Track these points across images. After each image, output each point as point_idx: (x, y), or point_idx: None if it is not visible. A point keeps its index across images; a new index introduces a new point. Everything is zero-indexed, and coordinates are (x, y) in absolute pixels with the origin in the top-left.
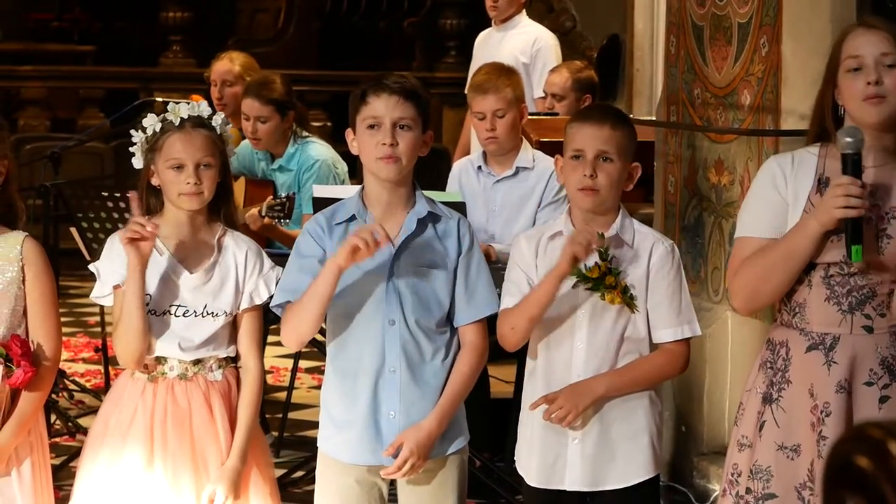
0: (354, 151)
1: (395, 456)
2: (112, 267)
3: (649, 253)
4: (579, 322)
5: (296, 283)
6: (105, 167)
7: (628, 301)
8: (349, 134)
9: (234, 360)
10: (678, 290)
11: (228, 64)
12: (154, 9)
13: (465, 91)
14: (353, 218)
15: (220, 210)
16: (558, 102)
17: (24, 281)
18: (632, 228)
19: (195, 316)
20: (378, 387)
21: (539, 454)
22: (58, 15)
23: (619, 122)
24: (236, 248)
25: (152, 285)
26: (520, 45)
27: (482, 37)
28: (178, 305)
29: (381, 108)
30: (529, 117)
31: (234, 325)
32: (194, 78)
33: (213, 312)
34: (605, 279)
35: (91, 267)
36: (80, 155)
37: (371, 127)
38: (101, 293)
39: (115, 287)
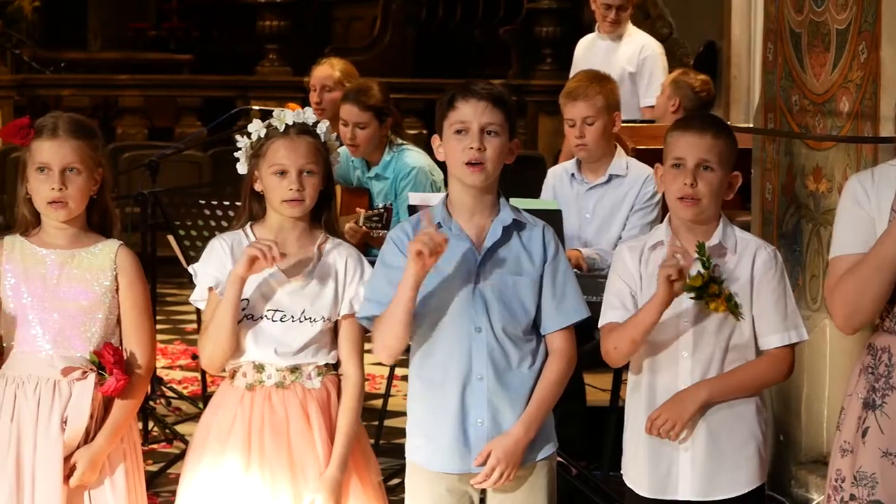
0: (441, 157)
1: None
2: (207, 270)
3: (752, 259)
4: (684, 332)
5: (382, 295)
6: (202, 175)
7: (733, 309)
8: (435, 140)
9: (335, 367)
10: (783, 295)
11: (329, 69)
12: (251, 18)
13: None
14: (438, 226)
15: (321, 217)
16: (660, 95)
17: (117, 289)
18: (733, 235)
19: (292, 321)
20: (465, 394)
21: (649, 465)
22: (155, 24)
23: (720, 131)
24: (337, 255)
25: (250, 289)
26: (627, 54)
27: (585, 44)
28: (276, 310)
29: (470, 113)
30: (627, 125)
31: (333, 333)
32: (291, 86)
33: (310, 318)
34: (709, 287)
35: (190, 269)
36: (178, 163)
37: (459, 132)
38: (199, 296)
39: (209, 290)
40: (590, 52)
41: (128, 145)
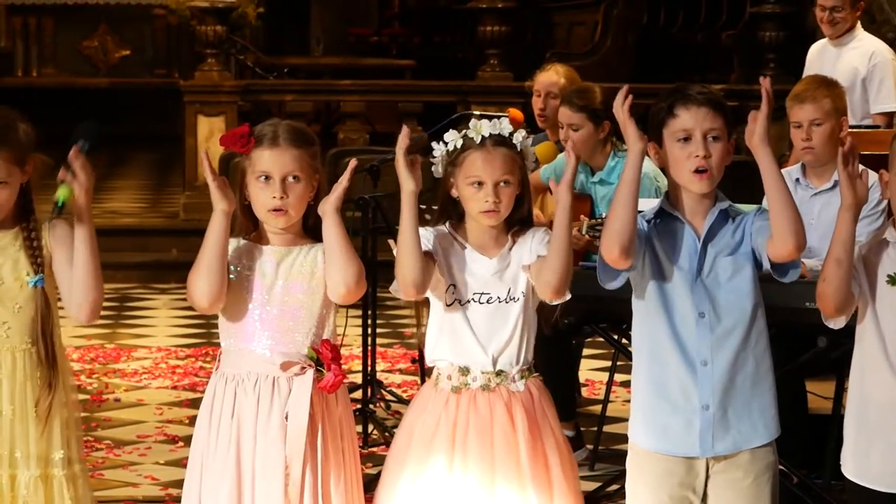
0: (656, 164)
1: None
2: None
3: None
4: None
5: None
6: (423, 180)
7: None
8: (652, 147)
9: (535, 370)
10: None
11: (553, 76)
12: (472, 23)
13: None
14: (660, 214)
15: (519, 221)
16: None
17: None
18: None
19: (499, 302)
20: (690, 379)
21: (883, 456)
22: (377, 30)
23: None
24: (530, 234)
25: (455, 274)
26: (856, 59)
27: (816, 51)
28: (482, 293)
29: (691, 120)
30: (850, 130)
31: (531, 332)
32: (511, 91)
33: (514, 297)
34: None
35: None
36: None
37: (682, 140)
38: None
39: None
40: (820, 59)
41: (349, 150)
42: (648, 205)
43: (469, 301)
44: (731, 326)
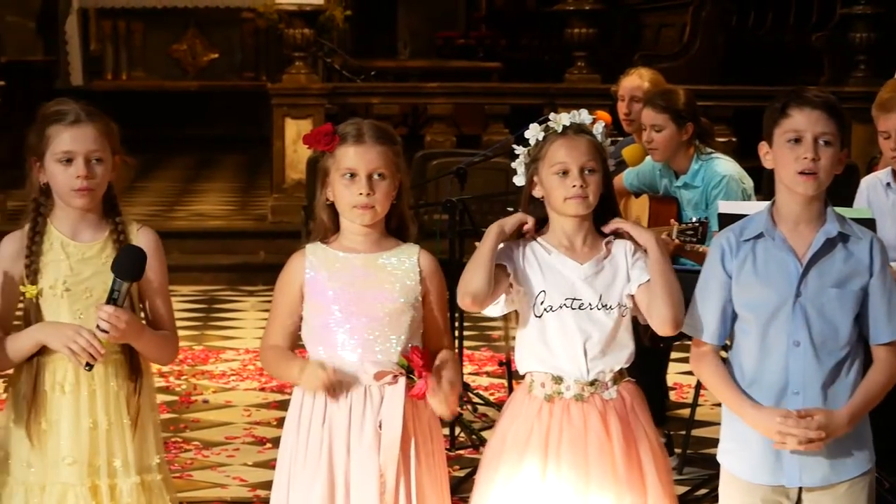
0: (768, 165)
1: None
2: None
3: None
4: None
5: (700, 319)
6: (509, 183)
7: None
8: (763, 147)
9: (629, 371)
10: None
11: (637, 80)
12: (559, 25)
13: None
14: (760, 235)
15: (606, 221)
16: None
17: (421, 293)
18: None
19: (590, 308)
20: (780, 408)
21: None
22: (464, 33)
23: None
24: (625, 247)
25: (547, 280)
26: None
27: None
28: (573, 298)
29: (804, 121)
30: None
31: (628, 343)
32: (598, 94)
33: (606, 304)
34: None
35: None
36: (485, 170)
37: (792, 141)
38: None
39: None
40: None
41: (436, 153)
42: (740, 208)
43: (561, 307)
44: (827, 358)
